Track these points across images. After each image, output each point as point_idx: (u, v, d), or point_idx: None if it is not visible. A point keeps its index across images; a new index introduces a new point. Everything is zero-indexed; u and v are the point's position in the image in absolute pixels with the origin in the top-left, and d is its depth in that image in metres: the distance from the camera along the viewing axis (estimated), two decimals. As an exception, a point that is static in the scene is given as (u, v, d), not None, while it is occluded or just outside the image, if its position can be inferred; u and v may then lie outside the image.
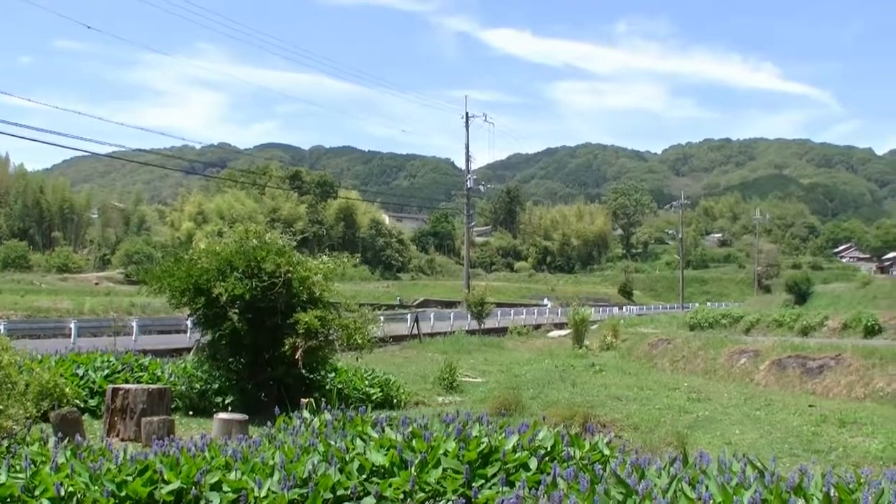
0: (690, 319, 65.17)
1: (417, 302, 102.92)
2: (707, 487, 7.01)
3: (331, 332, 20.07)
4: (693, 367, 38.27)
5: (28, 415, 12.86)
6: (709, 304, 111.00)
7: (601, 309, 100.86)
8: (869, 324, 49.52)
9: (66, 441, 10.33)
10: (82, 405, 17.97)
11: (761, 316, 60.40)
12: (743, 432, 18.63)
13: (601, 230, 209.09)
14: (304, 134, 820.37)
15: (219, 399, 19.96)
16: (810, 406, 23.43)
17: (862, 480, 7.51)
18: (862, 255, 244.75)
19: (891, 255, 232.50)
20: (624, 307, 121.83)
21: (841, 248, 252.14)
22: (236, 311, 19.31)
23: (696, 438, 17.48)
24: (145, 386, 17.12)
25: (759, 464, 7.76)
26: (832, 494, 7.00)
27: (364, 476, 8.08)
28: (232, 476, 8.06)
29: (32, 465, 8.35)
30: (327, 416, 10.95)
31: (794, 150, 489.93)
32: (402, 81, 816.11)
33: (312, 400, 13.69)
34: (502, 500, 7.28)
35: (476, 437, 8.76)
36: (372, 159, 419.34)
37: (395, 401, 23.01)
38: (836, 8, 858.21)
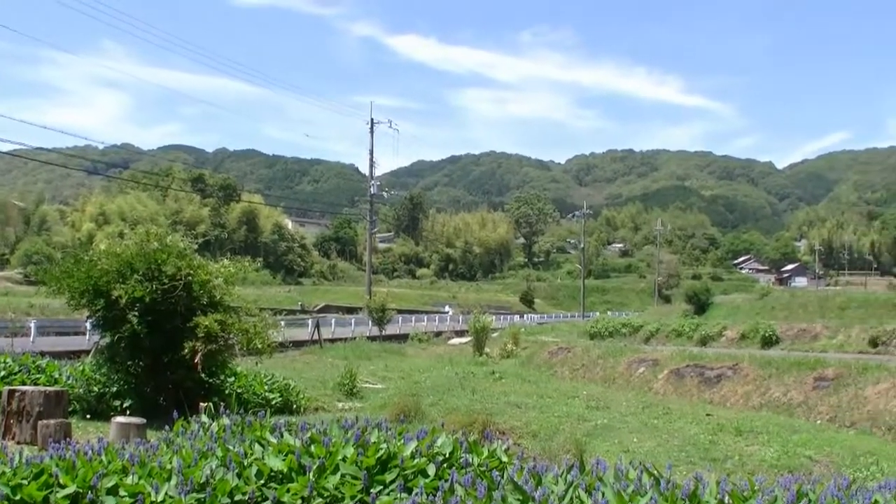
0: (591, 328, 65.76)
1: (319, 307, 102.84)
2: (603, 494, 7.08)
3: (231, 336, 19.95)
4: (592, 376, 38.54)
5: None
6: (609, 313, 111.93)
7: (502, 317, 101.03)
8: (766, 334, 50.40)
9: (-41, 443, 10.17)
10: (-23, 407, 17.72)
11: (661, 325, 61.10)
12: (641, 440, 18.83)
13: (503, 238, 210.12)
14: (208, 136, 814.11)
15: (117, 402, 19.72)
16: (708, 415, 23.71)
17: (756, 488, 7.62)
18: (761, 267, 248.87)
19: (789, 266, 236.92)
20: (525, 315, 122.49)
21: (741, 259, 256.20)
22: (136, 313, 19.14)
23: (595, 446, 17.63)
24: (42, 388, 16.89)
25: (655, 471, 7.85)
26: (726, 501, 7.12)
27: (262, 481, 8.05)
28: (129, 480, 7.98)
29: (-76, 468, 8.22)
30: (226, 420, 10.88)
31: (696, 162, 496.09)
32: (308, 86, 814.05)
33: (211, 404, 13.59)
34: (400, 506, 7.33)
35: (375, 443, 8.78)
36: (276, 163, 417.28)
37: (294, 406, 22.90)
38: (739, 23, 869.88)
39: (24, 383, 18.90)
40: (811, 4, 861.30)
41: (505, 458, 9.08)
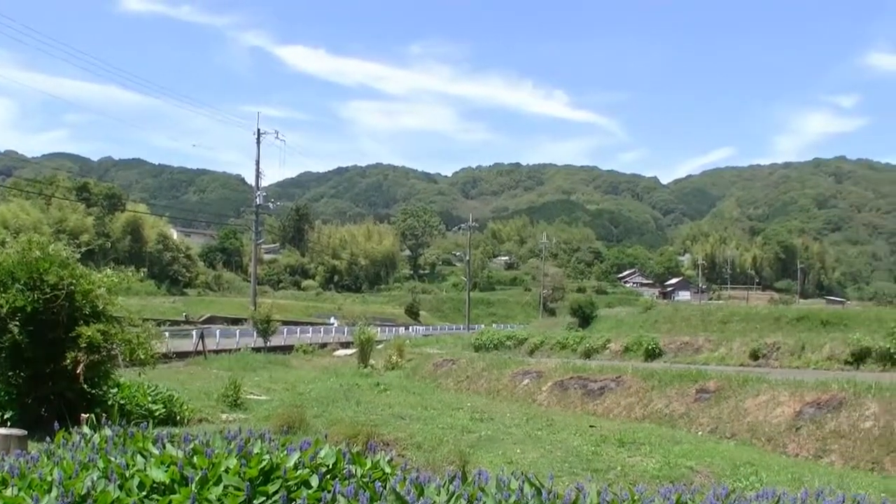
0: (476, 340, 65.88)
1: (204, 318, 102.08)
2: (484, 504, 7.15)
3: (113, 346, 19.73)
4: (477, 388, 38.66)
5: None
6: (495, 325, 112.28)
7: (388, 329, 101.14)
8: (650, 347, 50.91)
9: None
10: None
11: (545, 338, 61.41)
12: (524, 451, 18.91)
13: (389, 250, 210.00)
14: (94, 145, 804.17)
15: (-3, 414, 19.44)
16: (591, 426, 23.90)
17: (636, 498, 7.72)
18: (645, 281, 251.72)
19: (673, 281, 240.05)
20: (410, 327, 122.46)
21: (625, 273, 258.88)
22: (17, 323, 18.87)
23: (479, 457, 17.69)
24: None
25: (536, 482, 7.90)
26: (606, 511, 7.22)
27: (144, 493, 7.96)
28: (8, 492, 7.86)
29: None
30: (108, 431, 10.74)
31: (582, 177, 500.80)
32: (197, 95, 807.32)
33: (93, 415, 13.43)
34: (283, 517, 7.31)
35: (258, 454, 8.74)
36: (162, 173, 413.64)
37: (178, 417, 22.67)
38: (627, 40, 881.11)
39: None
40: (698, 23, 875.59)
41: (388, 469, 9.08)
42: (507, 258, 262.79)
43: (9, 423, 18.23)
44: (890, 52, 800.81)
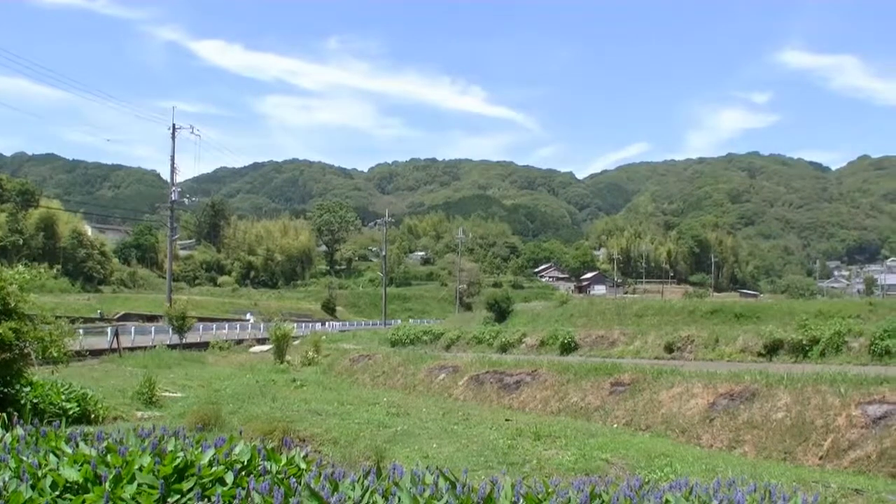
0: (392, 336, 65.94)
1: (118, 315, 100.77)
2: (399, 499, 7.14)
3: (26, 344, 19.47)
4: (393, 383, 38.67)
5: None
6: (411, 320, 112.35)
7: (304, 325, 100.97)
8: (565, 341, 51.21)
9: None
10: None
11: (462, 333, 61.56)
12: (440, 446, 18.92)
13: (305, 246, 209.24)
14: (7, 140, 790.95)
15: None
16: (507, 420, 23.98)
17: (550, 490, 7.76)
18: (561, 275, 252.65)
19: (588, 275, 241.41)
20: (327, 323, 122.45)
21: (541, 267, 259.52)
22: (-75, 321, 18.57)
23: (395, 452, 17.68)
24: None
25: (451, 476, 7.93)
26: (520, 504, 7.25)
27: (57, 492, 7.86)
28: (-84, 494, 7.78)
29: None
30: (20, 431, 10.62)
31: (498, 172, 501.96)
32: (112, 90, 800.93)
33: (5, 415, 13.27)
34: (198, 515, 7.27)
35: (172, 451, 8.67)
36: (76, 168, 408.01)
37: (92, 415, 22.40)
38: (544, 37, 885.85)
39: None
40: (614, 20, 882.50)
41: (303, 465, 9.06)
42: (423, 253, 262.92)
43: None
44: (802, 49, 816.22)
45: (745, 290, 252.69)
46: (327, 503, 6.99)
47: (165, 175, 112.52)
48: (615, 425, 25.24)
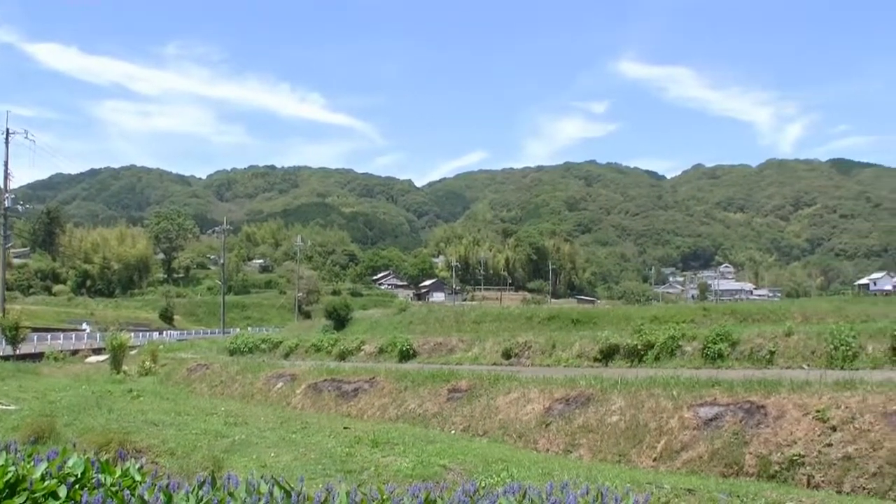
0: (230, 344, 65.43)
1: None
2: (234, 509, 7.14)
3: None
4: (231, 392, 38.46)
5: None
6: (250, 329, 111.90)
7: (141, 334, 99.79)
8: (404, 348, 51.23)
9: None
10: None
11: (301, 341, 61.31)
12: (278, 455, 18.85)
13: (143, 254, 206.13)
14: None
15: None
16: (345, 428, 23.98)
17: (385, 496, 7.80)
18: (400, 283, 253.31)
19: (427, 282, 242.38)
20: (164, 332, 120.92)
21: (380, 275, 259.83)
22: None
23: (233, 462, 17.57)
24: None
25: (286, 484, 7.91)
26: (355, 511, 7.28)
27: None
28: None
29: None
30: None
31: (337, 180, 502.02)
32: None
33: None
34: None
35: (2, 466, 8.50)
36: None
37: (-83, 431, 21.92)
38: (383, 45, 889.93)
39: None
40: (454, 30, 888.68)
41: (139, 477, 8.95)
42: (262, 261, 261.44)
43: None
44: (639, 60, 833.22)
45: (582, 297, 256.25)
46: (161, 514, 6.94)
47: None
48: (453, 431, 25.41)
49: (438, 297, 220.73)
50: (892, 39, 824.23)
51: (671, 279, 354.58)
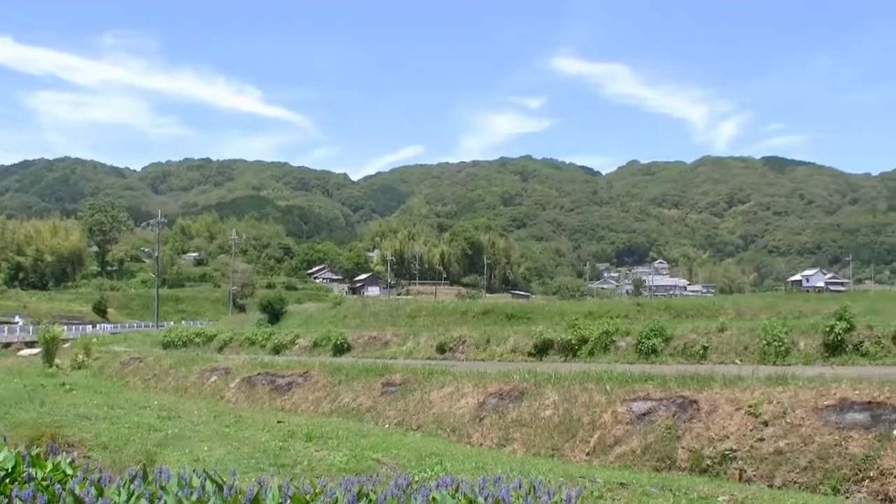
0: (164, 338, 65.13)
1: None
2: (165, 503, 7.10)
3: None
4: (165, 386, 38.32)
5: None
6: (184, 322, 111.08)
7: (75, 327, 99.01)
8: (338, 342, 51.24)
9: None
10: None
11: (235, 335, 61.15)
12: (212, 449, 18.76)
13: (76, 247, 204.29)
14: None
15: None
16: (279, 422, 23.97)
17: (318, 490, 7.80)
18: (335, 277, 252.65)
19: (362, 276, 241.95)
20: (98, 326, 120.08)
21: (315, 269, 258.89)
22: None
23: (166, 456, 17.47)
24: None
25: (219, 478, 7.89)
26: (288, 505, 7.27)
27: None
28: None
29: None
30: None
31: (273, 173, 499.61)
32: None
33: None
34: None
35: (-71, 462, 8.46)
36: None
37: None
38: (320, 39, 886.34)
39: None
40: (389, 24, 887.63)
41: (70, 471, 8.90)
42: (196, 254, 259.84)
43: None
44: (575, 56, 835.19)
45: (517, 292, 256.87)
46: (91, 508, 6.90)
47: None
48: (387, 425, 25.47)
49: (373, 291, 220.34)
50: (824, 39, 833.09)
51: (606, 275, 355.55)
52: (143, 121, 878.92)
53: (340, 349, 51.54)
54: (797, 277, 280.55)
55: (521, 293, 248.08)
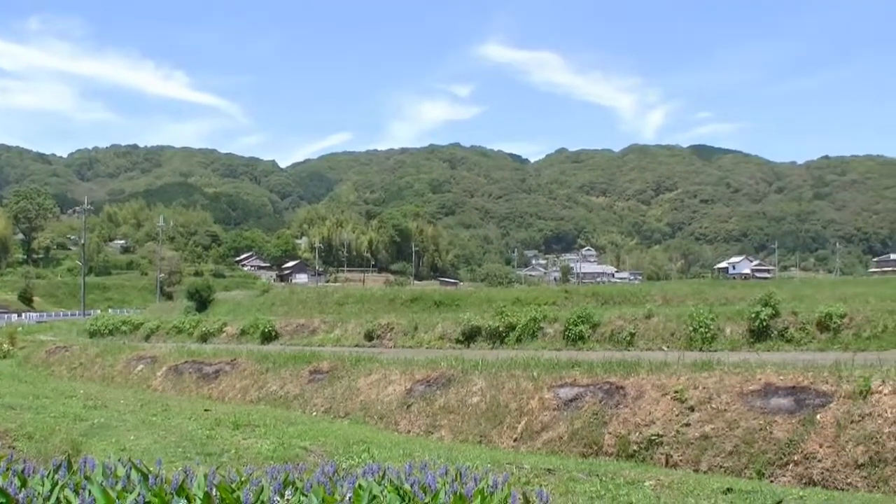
0: (91, 326, 64.77)
1: None
2: (90, 492, 7.07)
3: None
4: (91, 374, 38.08)
5: None
6: (111, 310, 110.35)
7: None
8: (266, 330, 51.23)
9: None
10: None
11: (162, 323, 60.90)
12: (138, 438, 18.67)
13: (1, 234, 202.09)
14: None
15: None
16: (206, 410, 23.91)
17: (244, 478, 7.81)
18: (263, 264, 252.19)
19: (290, 264, 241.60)
20: (23, 314, 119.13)
21: (243, 256, 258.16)
22: None
23: (92, 446, 17.36)
24: None
25: (144, 467, 7.86)
26: (213, 494, 7.27)
27: None
28: None
29: None
30: None
31: (201, 160, 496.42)
32: None
33: None
34: None
35: None
36: None
37: None
38: (248, 24, 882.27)
39: None
40: (317, 9, 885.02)
41: (-6, 462, 8.86)
42: (123, 242, 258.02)
43: None
44: (504, 44, 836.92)
45: (445, 279, 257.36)
46: (15, 500, 6.86)
47: None
48: (315, 413, 25.48)
49: (301, 278, 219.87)
50: (751, 29, 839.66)
51: (534, 262, 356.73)
52: (69, 106, 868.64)
53: (268, 337, 51.47)
54: (724, 265, 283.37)
55: (450, 280, 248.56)
